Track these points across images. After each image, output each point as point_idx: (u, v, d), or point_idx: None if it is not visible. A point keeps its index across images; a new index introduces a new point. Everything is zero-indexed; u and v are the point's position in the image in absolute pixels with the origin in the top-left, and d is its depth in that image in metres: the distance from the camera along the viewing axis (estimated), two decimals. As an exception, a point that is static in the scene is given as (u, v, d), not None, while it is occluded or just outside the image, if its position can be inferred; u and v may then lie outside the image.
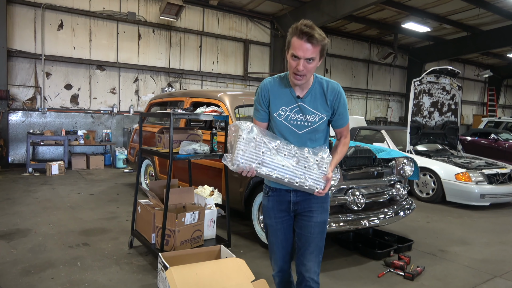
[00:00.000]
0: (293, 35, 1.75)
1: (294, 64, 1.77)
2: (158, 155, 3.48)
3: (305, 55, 1.73)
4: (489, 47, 13.46)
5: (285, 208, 2.00)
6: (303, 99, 1.90)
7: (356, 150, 3.84)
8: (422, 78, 6.64)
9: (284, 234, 2.06)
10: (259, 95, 1.97)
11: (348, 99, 14.64)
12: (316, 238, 1.98)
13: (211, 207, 3.58)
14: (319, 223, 1.98)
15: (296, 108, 1.90)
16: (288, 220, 2.05)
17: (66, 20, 8.92)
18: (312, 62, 1.77)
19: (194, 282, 2.53)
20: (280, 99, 1.92)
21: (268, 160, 1.76)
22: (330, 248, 3.90)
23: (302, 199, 1.96)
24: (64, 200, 5.55)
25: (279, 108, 1.91)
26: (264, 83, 1.97)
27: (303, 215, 1.99)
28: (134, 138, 6.53)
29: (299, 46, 1.73)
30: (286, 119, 1.91)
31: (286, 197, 1.98)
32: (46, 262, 3.30)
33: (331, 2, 9.81)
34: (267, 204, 2.05)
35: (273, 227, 2.05)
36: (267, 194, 2.04)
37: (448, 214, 5.56)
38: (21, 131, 8.53)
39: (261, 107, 1.96)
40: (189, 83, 10.86)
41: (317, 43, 1.73)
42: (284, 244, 2.07)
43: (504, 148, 9.55)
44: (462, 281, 3.25)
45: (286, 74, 1.94)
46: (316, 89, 1.92)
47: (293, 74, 1.81)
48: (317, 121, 1.91)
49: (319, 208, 1.99)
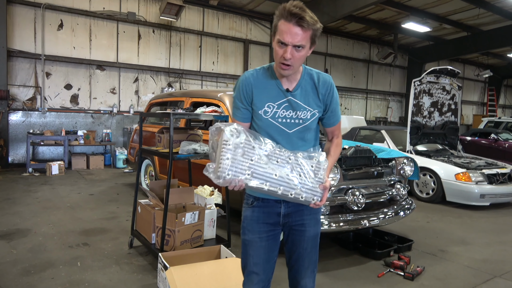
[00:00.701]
0: (280, 18, 1.50)
1: (281, 51, 1.52)
2: (158, 155, 3.48)
3: (293, 40, 1.48)
4: (489, 47, 13.46)
5: (273, 221, 1.71)
6: (293, 92, 1.65)
7: (356, 150, 3.84)
8: (422, 78, 6.64)
9: (268, 254, 1.71)
10: (240, 91, 1.68)
11: (348, 99, 14.65)
12: (310, 253, 1.75)
13: (211, 207, 3.58)
14: (313, 237, 1.75)
15: (285, 103, 1.64)
16: (274, 236, 1.73)
17: (66, 20, 8.92)
18: (302, 50, 1.53)
19: (194, 282, 2.54)
20: (266, 93, 1.65)
21: (259, 170, 1.46)
22: (330, 248, 3.90)
23: (293, 210, 1.70)
24: (64, 200, 5.55)
25: (265, 104, 1.64)
26: (246, 76, 1.68)
27: (295, 229, 1.73)
28: (134, 138, 6.53)
29: (287, 30, 1.48)
30: (274, 117, 1.65)
31: (275, 208, 1.69)
32: (46, 262, 3.30)
33: (331, 2, 9.81)
34: (250, 216, 1.72)
35: (255, 244, 1.70)
36: (251, 204, 1.73)
37: (448, 214, 5.56)
38: (21, 131, 8.53)
39: (243, 104, 1.67)
40: (189, 83, 10.86)
41: (307, 27, 1.48)
42: (265, 267, 1.72)
43: (504, 148, 9.55)
44: (462, 281, 3.25)
45: (271, 65, 1.69)
46: (306, 81, 1.67)
47: (279, 63, 1.56)
48: (309, 118, 1.67)
49: (312, 221, 1.74)
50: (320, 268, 3.36)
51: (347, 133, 8.40)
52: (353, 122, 10.35)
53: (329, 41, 13.75)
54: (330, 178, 3.40)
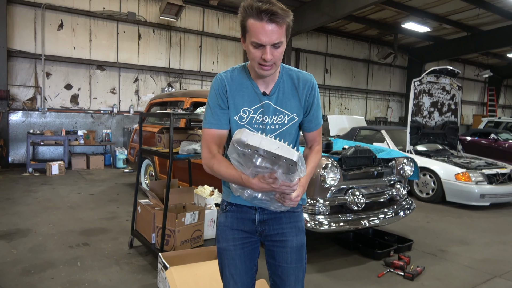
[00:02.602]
0: (248, 17, 1.34)
1: (259, 53, 1.36)
2: (158, 155, 3.48)
3: (270, 40, 1.33)
4: (489, 47, 13.46)
5: (248, 228, 1.56)
6: (270, 96, 1.50)
7: (356, 150, 3.84)
8: (422, 78, 6.65)
9: (245, 264, 1.56)
10: (216, 93, 1.50)
11: (348, 99, 14.66)
12: (295, 268, 1.55)
13: (211, 207, 3.58)
14: (296, 248, 1.56)
15: (261, 108, 1.50)
16: (251, 245, 1.58)
17: (66, 20, 8.93)
18: (280, 47, 1.37)
19: (194, 282, 2.54)
20: (241, 98, 1.50)
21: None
22: (330, 248, 3.91)
23: (270, 217, 1.55)
24: (64, 200, 5.55)
25: (241, 110, 1.49)
26: (220, 77, 1.52)
27: (274, 241, 1.56)
28: (134, 138, 6.54)
29: (260, 30, 1.32)
30: (250, 123, 1.50)
31: (249, 214, 1.55)
32: (46, 262, 3.30)
33: (331, 2, 9.81)
34: (223, 222, 1.59)
35: (229, 253, 1.56)
36: (224, 209, 1.61)
37: (448, 214, 5.56)
38: (21, 131, 8.53)
39: (221, 107, 1.50)
40: (189, 83, 10.86)
41: (282, 22, 1.32)
42: (243, 279, 1.57)
43: (504, 148, 9.55)
44: (462, 281, 3.25)
45: (246, 65, 1.54)
46: (284, 82, 1.52)
47: (258, 65, 1.40)
48: (286, 123, 1.52)
49: (293, 229, 1.56)
50: (320, 268, 3.38)
51: (347, 133, 8.41)
52: (353, 122, 10.35)
53: (329, 41, 13.75)
54: (330, 178, 3.40)
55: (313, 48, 13.34)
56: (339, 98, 14.39)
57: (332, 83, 14.02)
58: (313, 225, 3.29)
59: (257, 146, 1.18)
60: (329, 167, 3.41)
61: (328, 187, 3.41)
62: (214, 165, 1.44)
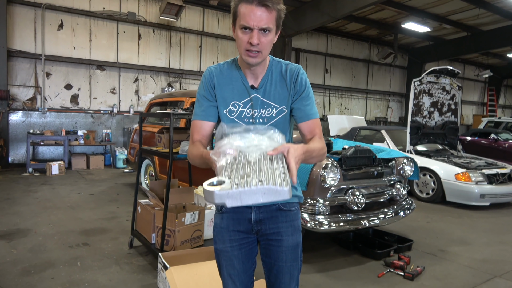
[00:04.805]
0: (239, 2, 1.37)
1: (246, 37, 1.37)
2: (158, 155, 3.48)
3: (258, 23, 1.34)
4: (489, 47, 13.46)
5: (244, 228, 1.55)
6: (258, 89, 1.50)
7: (356, 150, 3.84)
8: (422, 78, 6.65)
9: (243, 264, 1.57)
10: (204, 86, 1.53)
11: (348, 99, 14.66)
12: (290, 267, 1.56)
13: (211, 207, 3.58)
14: (292, 247, 1.55)
15: (250, 102, 1.50)
16: (248, 245, 1.58)
17: (66, 20, 8.93)
18: (269, 34, 1.38)
19: (194, 282, 2.54)
20: (230, 91, 1.51)
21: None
22: (330, 248, 3.91)
23: (266, 216, 1.54)
24: (64, 200, 5.55)
25: (230, 103, 1.50)
26: (210, 70, 1.54)
27: (270, 240, 1.56)
28: (134, 138, 6.54)
29: (249, 13, 1.34)
30: (240, 117, 1.50)
31: (245, 214, 1.54)
32: (46, 262, 3.30)
33: (331, 2, 9.81)
34: (219, 224, 1.58)
35: (227, 254, 1.56)
36: (219, 210, 1.59)
37: (448, 214, 5.56)
38: (21, 131, 8.53)
39: (208, 100, 1.52)
40: (189, 83, 10.86)
41: (272, 7, 1.35)
42: (242, 278, 1.57)
43: (504, 148, 9.55)
44: (462, 281, 3.25)
45: (236, 59, 1.55)
46: (273, 74, 1.52)
47: (245, 51, 1.40)
48: (274, 116, 1.51)
49: (289, 228, 1.56)
50: (320, 268, 3.38)
51: (347, 133, 8.41)
52: (353, 122, 10.36)
53: (329, 41, 13.75)
54: (330, 178, 3.41)
55: (313, 48, 13.34)
56: (339, 98, 14.39)
57: (332, 83, 14.02)
58: (313, 225, 3.29)
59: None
60: (329, 167, 3.41)
61: (328, 187, 3.41)
62: (189, 151, 1.50)
